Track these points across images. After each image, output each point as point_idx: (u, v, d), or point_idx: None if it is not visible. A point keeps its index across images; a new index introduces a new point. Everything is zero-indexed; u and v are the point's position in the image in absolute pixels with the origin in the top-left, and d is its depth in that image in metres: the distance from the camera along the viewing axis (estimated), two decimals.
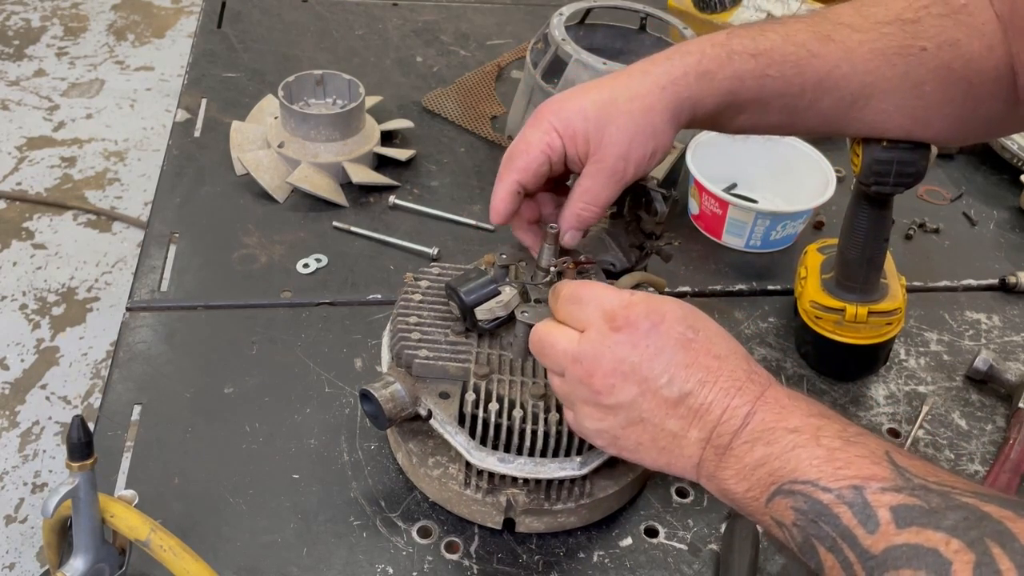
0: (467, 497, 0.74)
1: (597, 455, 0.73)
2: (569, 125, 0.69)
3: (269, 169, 1.11)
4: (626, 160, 0.69)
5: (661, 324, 0.60)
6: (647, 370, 0.59)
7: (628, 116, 0.68)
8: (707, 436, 0.58)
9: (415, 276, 0.83)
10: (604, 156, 0.69)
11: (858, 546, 0.48)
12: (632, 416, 0.60)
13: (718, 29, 1.35)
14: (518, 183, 0.71)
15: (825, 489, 0.51)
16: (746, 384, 0.58)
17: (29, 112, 2.89)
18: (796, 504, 0.52)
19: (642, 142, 0.69)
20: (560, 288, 0.67)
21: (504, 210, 0.72)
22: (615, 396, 0.60)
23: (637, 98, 0.69)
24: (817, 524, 0.51)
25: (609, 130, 0.68)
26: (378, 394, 0.73)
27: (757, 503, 0.55)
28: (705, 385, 0.58)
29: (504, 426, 0.71)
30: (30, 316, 2.23)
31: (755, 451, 0.55)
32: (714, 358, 0.59)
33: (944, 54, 0.71)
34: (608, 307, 0.62)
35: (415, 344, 0.76)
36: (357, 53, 1.43)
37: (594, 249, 0.81)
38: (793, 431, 0.54)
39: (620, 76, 0.71)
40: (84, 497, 0.63)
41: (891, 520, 0.48)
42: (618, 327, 0.61)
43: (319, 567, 0.73)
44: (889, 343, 0.93)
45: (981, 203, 1.27)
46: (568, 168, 0.74)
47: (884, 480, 0.50)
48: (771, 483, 0.54)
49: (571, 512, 0.75)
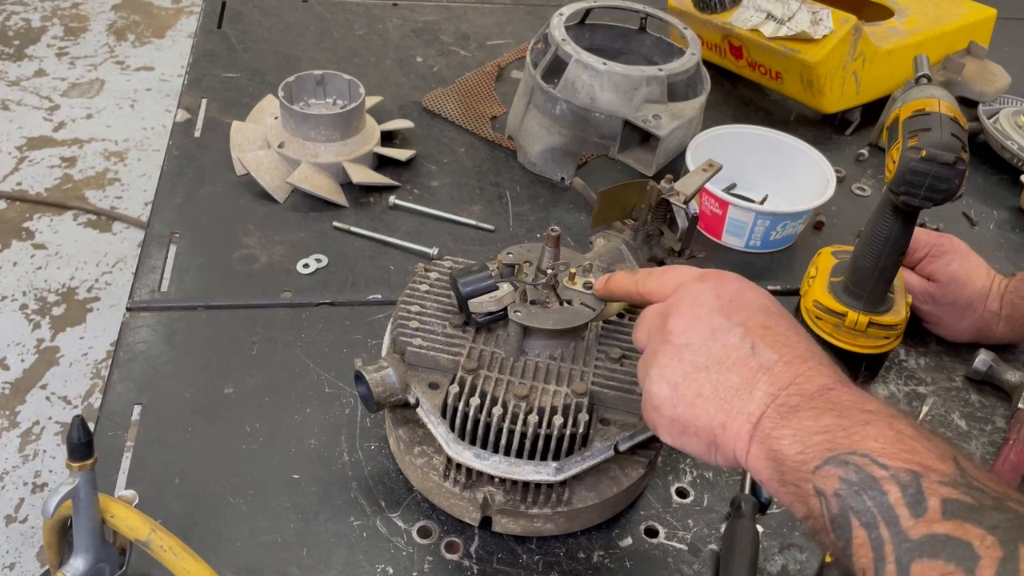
0: (446, 490, 0.75)
1: (574, 463, 0.72)
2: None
3: (269, 169, 1.11)
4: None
5: (749, 291, 0.61)
6: (723, 318, 0.59)
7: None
8: (775, 393, 0.56)
9: (426, 267, 0.83)
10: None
11: (897, 527, 0.48)
12: (698, 361, 0.59)
13: (718, 29, 1.36)
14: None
15: (882, 466, 0.50)
16: (826, 362, 0.58)
17: (29, 112, 2.90)
18: (846, 474, 0.51)
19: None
20: (631, 271, 0.69)
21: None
22: (686, 336, 0.60)
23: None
24: (861, 497, 0.49)
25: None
26: (369, 377, 0.74)
27: (804, 468, 0.53)
28: (782, 348, 0.58)
29: (482, 422, 0.72)
30: (30, 316, 2.23)
31: (823, 418, 0.54)
32: (794, 332, 0.59)
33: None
34: (699, 271, 0.64)
35: (411, 332, 0.77)
36: (357, 53, 1.43)
37: (611, 258, 0.81)
38: (867, 411, 0.53)
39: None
40: (84, 497, 0.63)
41: (939, 510, 0.47)
42: (705, 277, 0.62)
43: (319, 567, 0.73)
44: (883, 357, 0.94)
45: (981, 203, 1.27)
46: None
47: (944, 475, 0.49)
48: (828, 450, 0.52)
49: (548, 518, 0.75)
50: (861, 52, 1.29)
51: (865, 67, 1.31)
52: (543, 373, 0.74)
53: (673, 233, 0.83)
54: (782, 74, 1.34)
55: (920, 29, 1.37)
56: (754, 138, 1.19)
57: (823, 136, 1.37)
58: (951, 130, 0.77)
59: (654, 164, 1.11)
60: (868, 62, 1.31)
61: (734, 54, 1.39)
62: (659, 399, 0.60)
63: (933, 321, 1.00)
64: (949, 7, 1.44)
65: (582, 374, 0.75)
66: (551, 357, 0.76)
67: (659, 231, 0.85)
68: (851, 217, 1.20)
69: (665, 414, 0.60)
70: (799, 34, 1.27)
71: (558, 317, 0.74)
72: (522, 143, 1.21)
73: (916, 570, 0.46)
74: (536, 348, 0.76)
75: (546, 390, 0.73)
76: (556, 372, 0.75)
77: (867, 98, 1.37)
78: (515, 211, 1.14)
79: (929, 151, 0.76)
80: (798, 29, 1.27)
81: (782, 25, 1.29)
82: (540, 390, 0.73)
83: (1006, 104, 1.42)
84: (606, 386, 0.74)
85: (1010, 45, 1.60)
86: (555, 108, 1.14)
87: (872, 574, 0.48)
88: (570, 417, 0.71)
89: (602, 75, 1.10)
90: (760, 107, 1.43)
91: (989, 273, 0.98)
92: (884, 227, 0.85)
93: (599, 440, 0.73)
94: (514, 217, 1.13)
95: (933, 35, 1.37)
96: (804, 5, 1.29)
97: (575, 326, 0.74)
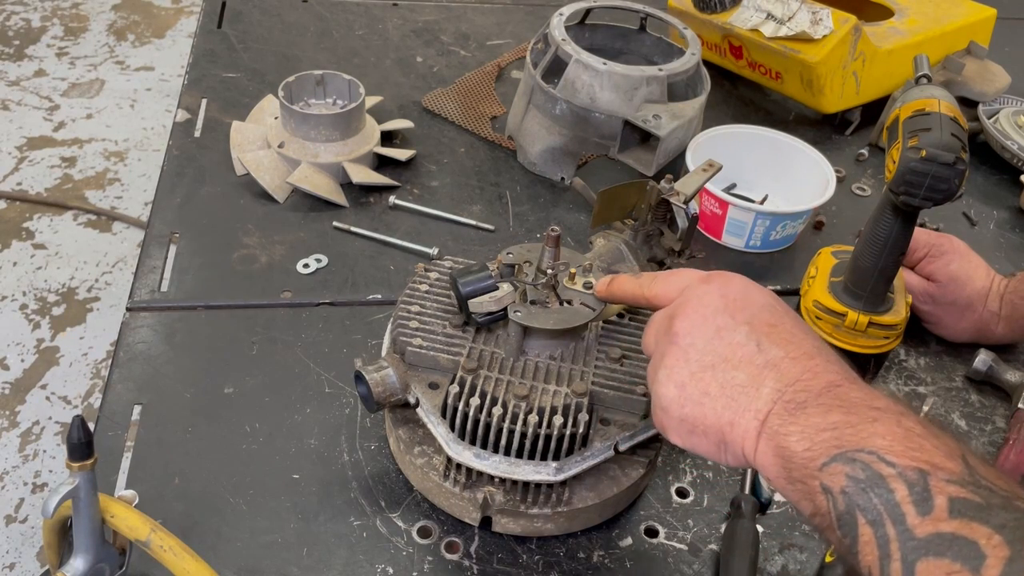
0: (446, 490, 0.75)
1: (574, 463, 0.72)
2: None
3: (269, 169, 1.11)
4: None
5: (754, 291, 0.61)
6: (728, 317, 0.59)
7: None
8: (782, 389, 0.56)
9: (426, 267, 0.83)
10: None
11: (903, 525, 0.47)
12: (704, 361, 0.59)
13: (718, 29, 1.36)
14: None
15: (890, 464, 0.49)
16: (833, 359, 0.58)
17: (29, 112, 2.90)
18: (853, 471, 0.50)
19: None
20: (634, 275, 0.70)
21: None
22: (691, 336, 0.60)
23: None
24: (867, 494, 0.49)
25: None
26: (369, 377, 0.74)
27: (811, 465, 0.53)
28: (787, 345, 0.58)
29: (482, 422, 0.72)
30: (30, 316, 2.23)
31: (831, 415, 0.54)
32: (800, 329, 0.59)
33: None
34: (703, 273, 0.64)
35: (411, 332, 0.77)
36: (357, 53, 1.43)
37: (611, 258, 0.81)
38: (876, 408, 0.53)
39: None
40: (84, 497, 0.63)
41: (946, 508, 0.47)
42: (710, 279, 0.63)
43: (319, 567, 0.73)
44: (882, 357, 0.93)
45: (981, 203, 1.27)
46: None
47: (952, 473, 0.48)
48: (835, 447, 0.52)
49: (548, 518, 0.75)
50: (861, 52, 1.29)
51: (865, 67, 1.31)
52: (543, 373, 0.74)
53: (673, 233, 0.83)
54: (782, 74, 1.34)
55: (920, 29, 1.37)
56: (754, 138, 1.19)
57: (823, 136, 1.37)
58: (951, 130, 0.77)
59: (654, 164, 1.11)
60: (868, 62, 1.31)
61: (734, 54, 1.39)
62: (667, 400, 0.60)
63: (933, 321, 1.00)
64: (949, 7, 1.44)
65: (582, 374, 0.75)
66: (551, 357, 0.76)
67: (659, 231, 0.85)
68: (851, 217, 1.20)
69: (673, 415, 0.60)
70: (799, 34, 1.27)
71: (558, 317, 0.74)
72: (522, 143, 1.21)
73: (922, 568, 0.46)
74: (536, 348, 0.76)
75: (546, 390, 0.73)
76: (556, 372, 0.75)
77: (867, 98, 1.37)
78: (515, 211, 1.14)
79: (929, 151, 0.76)
80: (798, 29, 1.27)
81: (782, 25, 1.29)
82: (540, 390, 0.73)
83: (1006, 104, 1.42)
84: (606, 386, 0.74)
85: (1010, 45, 1.60)
86: (555, 108, 1.14)
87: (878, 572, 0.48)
88: (570, 417, 0.71)
89: (602, 75, 1.10)
90: (760, 107, 1.43)
91: (989, 273, 0.98)
92: (884, 227, 0.85)
93: (599, 440, 0.73)
94: (514, 217, 1.13)
95: (933, 35, 1.37)
96: (804, 5, 1.29)
97: (575, 326, 0.74)
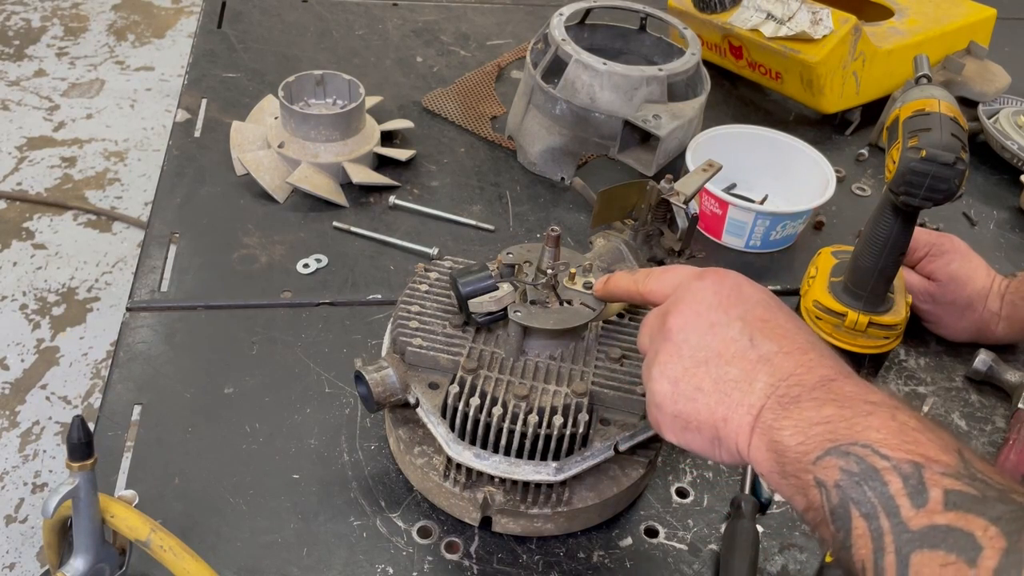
0: (446, 490, 0.75)
1: (574, 463, 0.72)
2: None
3: (269, 169, 1.11)
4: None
5: (748, 287, 0.61)
6: (722, 313, 0.59)
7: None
8: (775, 384, 0.56)
9: (426, 267, 0.83)
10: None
11: (897, 517, 0.47)
12: (697, 356, 0.59)
13: (718, 29, 1.36)
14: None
15: (884, 457, 0.49)
16: (827, 354, 0.58)
17: (29, 112, 2.90)
18: (847, 465, 0.50)
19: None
20: (630, 272, 0.70)
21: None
22: (684, 332, 0.60)
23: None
24: (861, 487, 0.49)
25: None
26: (369, 377, 0.74)
27: (805, 459, 0.53)
28: (781, 339, 0.58)
29: (482, 422, 0.72)
30: (30, 316, 2.23)
31: (824, 409, 0.54)
32: (793, 324, 0.59)
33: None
34: (697, 270, 0.64)
35: (411, 332, 0.77)
36: (357, 53, 1.43)
37: (611, 258, 0.81)
38: (870, 402, 0.53)
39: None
40: (84, 497, 0.63)
41: (941, 501, 0.46)
42: (703, 276, 0.63)
43: (319, 567, 0.73)
44: (882, 357, 0.93)
45: (981, 203, 1.27)
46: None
47: (947, 466, 0.48)
48: (829, 441, 0.52)
49: (548, 518, 0.75)
50: (861, 52, 1.29)
51: (865, 67, 1.31)
52: (543, 373, 0.74)
53: (673, 233, 0.83)
54: (782, 74, 1.34)
55: (920, 29, 1.37)
56: (754, 138, 1.19)
57: (823, 136, 1.37)
58: (951, 130, 0.77)
59: (654, 164, 1.11)
60: (868, 62, 1.31)
61: (734, 54, 1.39)
62: (660, 396, 0.60)
63: (933, 321, 1.00)
64: (949, 7, 1.44)
65: (582, 374, 0.75)
66: (551, 357, 0.76)
67: (659, 231, 0.85)
68: (851, 217, 1.20)
69: (667, 411, 0.60)
70: (799, 34, 1.27)
71: (558, 317, 0.74)
72: (522, 143, 1.21)
73: (916, 561, 0.45)
74: (536, 348, 0.76)
75: (546, 390, 0.73)
76: (556, 372, 0.75)
77: (867, 98, 1.37)
78: (515, 211, 1.14)
79: (929, 151, 0.76)
80: (798, 29, 1.27)
81: (782, 25, 1.29)
82: (540, 390, 0.73)
83: (1006, 104, 1.42)
84: (606, 386, 0.74)
85: (1010, 45, 1.60)
86: (555, 108, 1.14)
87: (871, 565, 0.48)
88: (570, 417, 0.71)
89: (602, 75, 1.10)
90: (760, 107, 1.43)
91: (989, 273, 0.98)
92: (884, 227, 0.85)
93: (599, 440, 0.73)
94: (514, 217, 1.13)
95: (933, 35, 1.37)
96: (804, 5, 1.29)
97: (575, 326, 0.74)
